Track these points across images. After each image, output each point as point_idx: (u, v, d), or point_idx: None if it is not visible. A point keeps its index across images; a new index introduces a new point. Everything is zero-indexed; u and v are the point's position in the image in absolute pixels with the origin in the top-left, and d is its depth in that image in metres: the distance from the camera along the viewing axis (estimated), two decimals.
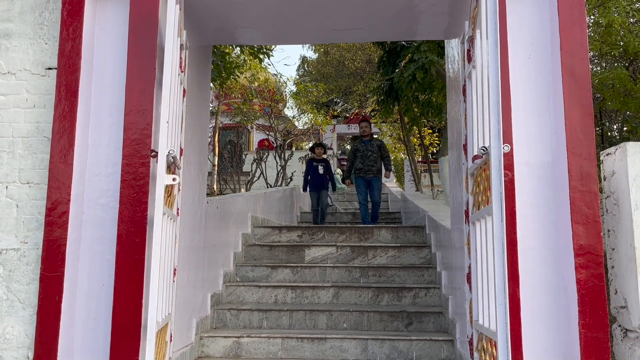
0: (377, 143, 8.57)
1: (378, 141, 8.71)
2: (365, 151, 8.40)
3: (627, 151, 2.77)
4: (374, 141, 8.61)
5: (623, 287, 2.79)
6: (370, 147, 8.43)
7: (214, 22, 4.08)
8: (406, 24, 4.16)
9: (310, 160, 9.40)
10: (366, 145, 8.45)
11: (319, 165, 9.13)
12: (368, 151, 8.38)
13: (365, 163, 8.32)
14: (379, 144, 8.60)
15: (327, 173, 9.17)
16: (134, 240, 2.86)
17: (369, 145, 8.45)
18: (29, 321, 2.91)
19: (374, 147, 8.46)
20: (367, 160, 8.31)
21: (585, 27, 2.93)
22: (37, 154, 3.06)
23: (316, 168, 9.12)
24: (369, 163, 8.30)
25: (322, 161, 9.27)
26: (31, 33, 3.17)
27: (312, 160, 9.36)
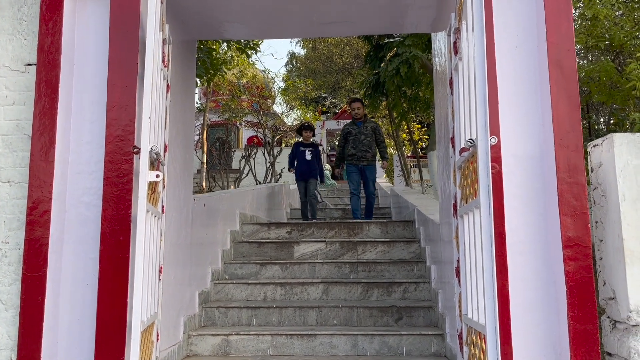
0: (371, 125, 7.63)
1: (372, 123, 7.77)
2: (357, 134, 7.49)
3: (614, 142, 2.76)
4: (368, 123, 7.67)
5: (611, 279, 2.78)
6: (364, 130, 7.50)
7: (199, 17, 4.02)
8: (393, 17, 4.14)
9: (297, 145, 8.31)
10: (359, 127, 7.54)
11: (306, 150, 8.07)
12: (361, 134, 7.47)
13: (358, 148, 7.44)
14: (373, 126, 7.66)
15: (316, 160, 8.16)
16: (117, 239, 2.81)
17: (362, 128, 7.52)
18: (11, 322, 2.85)
19: (367, 130, 7.52)
20: (360, 145, 7.43)
21: (571, 19, 2.91)
22: (17, 152, 2.99)
23: (303, 154, 8.07)
24: (362, 148, 7.42)
25: (311, 146, 8.23)
26: (10, 28, 3.09)
27: (298, 144, 8.27)
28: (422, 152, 15.89)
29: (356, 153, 7.47)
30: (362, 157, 7.44)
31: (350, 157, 7.54)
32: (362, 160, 7.45)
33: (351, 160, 7.53)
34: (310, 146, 8.20)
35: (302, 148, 8.10)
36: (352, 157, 7.52)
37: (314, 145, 8.34)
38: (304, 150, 8.10)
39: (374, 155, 7.59)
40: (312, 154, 8.14)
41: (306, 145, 8.18)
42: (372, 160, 7.56)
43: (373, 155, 7.57)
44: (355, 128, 7.59)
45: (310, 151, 8.12)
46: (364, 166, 7.46)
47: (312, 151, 8.16)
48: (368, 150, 7.47)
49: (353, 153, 7.49)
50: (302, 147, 8.13)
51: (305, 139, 8.25)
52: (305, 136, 8.27)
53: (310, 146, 8.20)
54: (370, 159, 7.52)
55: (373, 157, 7.58)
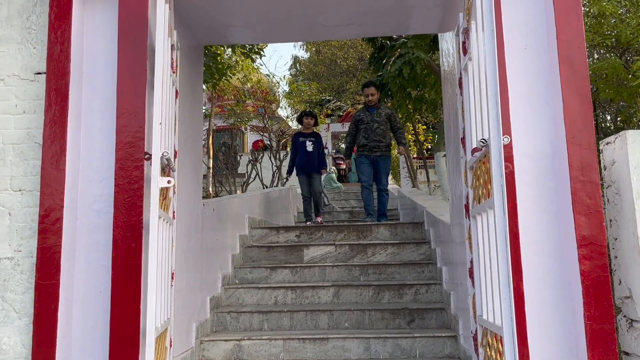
0: (385, 112, 6.84)
1: (387, 109, 6.96)
2: (370, 122, 6.73)
3: (627, 139, 2.74)
4: (382, 109, 6.86)
5: (627, 277, 2.76)
6: (377, 118, 6.73)
7: (204, 22, 4.03)
8: (399, 18, 4.13)
9: (297, 135, 7.44)
10: (371, 114, 6.77)
11: (306, 141, 7.20)
12: (374, 122, 6.71)
13: (370, 138, 6.69)
14: (388, 113, 6.85)
15: (318, 150, 7.27)
16: (130, 245, 2.81)
17: (375, 115, 6.75)
18: (25, 331, 2.86)
19: (381, 117, 6.74)
20: (373, 134, 6.68)
21: (581, 16, 2.89)
22: (28, 161, 3.00)
23: (304, 144, 7.20)
24: (375, 138, 6.66)
25: (312, 135, 7.32)
26: (19, 38, 3.11)
27: (298, 134, 7.43)
28: (428, 153, 15.87)
29: (368, 143, 6.73)
30: (375, 147, 6.70)
31: (362, 148, 6.81)
32: (375, 151, 6.70)
33: (362, 150, 6.81)
34: (311, 136, 7.31)
35: (302, 139, 7.27)
36: (363, 148, 6.79)
37: (315, 135, 7.40)
38: (304, 141, 7.24)
39: (388, 145, 6.82)
40: (314, 145, 7.22)
41: (307, 135, 7.32)
42: (387, 151, 6.79)
43: (387, 146, 6.81)
44: (368, 115, 6.82)
45: (311, 141, 7.22)
46: (377, 157, 6.71)
47: (313, 141, 7.24)
48: (382, 140, 6.71)
49: (365, 143, 6.75)
50: (302, 137, 7.29)
51: (306, 127, 7.38)
52: (305, 124, 7.38)
53: (311, 136, 7.31)
54: (384, 149, 6.76)
55: (387, 147, 6.81)
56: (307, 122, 7.34)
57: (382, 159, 6.74)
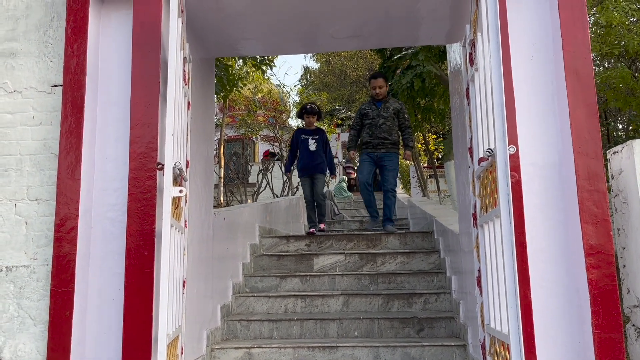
0: (393, 106, 6.13)
1: (396, 103, 6.21)
2: (376, 118, 6.07)
3: (634, 149, 2.76)
4: (390, 103, 6.15)
5: (635, 286, 2.77)
6: (384, 112, 6.06)
7: (216, 35, 4.11)
8: (407, 30, 4.18)
9: (298, 132, 6.71)
10: (377, 109, 6.10)
11: (309, 139, 6.51)
12: (380, 117, 6.04)
13: (374, 134, 6.03)
14: (396, 107, 6.13)
15: (323, 149, 6.57)
16: (142, 254, 2.87)
17: (381, 110, 6.07)
18: (40, 337, 2.92)
19: (388, 111, 6.07)
20: (378, 131, 6.02)
21: (587, 27, 2.93)
22: (44, 171, 3.08)
23: (306, 143, 6.51)
24: (380, 135, 6.01)
25: (315, 132, 6.60)
26: (36, 51, 3.21)
27: (300, 130, 6.69)
28: (439, 162, 15.86)
29: (372, 140, 6.06)
30: (380, 144, 6.05)
31: (365, 145, 6.18)
32: (380, 148, 6.05)
33: (365, 148, 6.19)
34: (314, 133, 6.58)
35: (305, 136, 6.56)
36: (366, 145, 6.16)
37: (318, 131, 6.64)
38: (306, 139, 6.53)
39: (395, 143, 6.12)
40: (317, 143, 6.50)
41: (309, 132, 6.60)
42: (393, 148, 6.10)
43: (394, 144, 6.11)
44: (373, 109, 6.15)
45: (314, 139, 6.51)
46: (381, 154, 6.05)
47: (316, 139, 6.52)
48: (387, 137, 6.04)
49: (368, 141, 6.10)
50: (304, 134, 6.58)
51: (308, 124, 6.62)
52: (307, 121, 6.61)
53: (314, 133, 6.58)
54: (389, 146, 6.08)
55: (394, 145, 6.11)
56: (308, 120, 6.59)
57: (387, 156, 6.03)
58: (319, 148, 6.51)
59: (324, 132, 6.72)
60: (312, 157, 6.49)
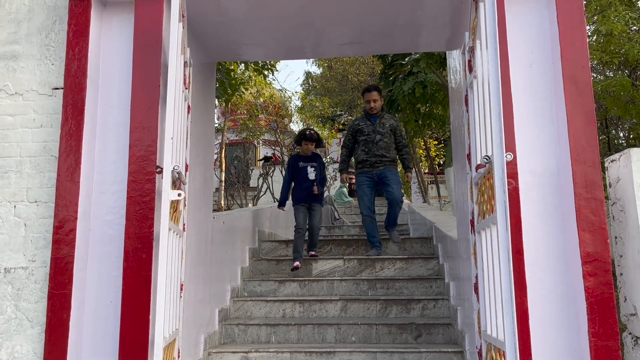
0: (389, 123, 5.74)
1: (391, 120, 5.83)
2: (371, 134, 5.63)
3: (632, 157, 2.76)
4: (386, 119, 5.74)
5: (632, 294, 2.77)
6: (380, 128, 5.63)
7: (217, 40, 4.13)
8: (408, 37, 4.20)
9: (295, 158, 6.17)
10: (373, 124, 5.67)
11: (308, 167, 6.00)
12: (376, 134, 5.62)
13: (371, 152, 5.60)
14: (393, 124, 5.74)
15: (320, 176, 6.10)
16: (140, 257, 2.88)
17: (376, 125, 5.65)
18: (37, 339, 2.93)
19: (385, 127, 5.65)
20: (375, 148, 5.60)
21: (585, 35, 2.94)
22: (44, 173, 3.09)
23: (304, 171, 6.00)
24: (377, 152, 5.60)
25: (313, 159, 6.06)
26: (38, 54, 3.23)
27: (297, 158, 6.16)
28: (440, 168, 15.86)
29: (369, 158, 5.64)
30: (378, 162, 5.66)
31: (361, 164, 5.74)
32: (378, 166, 5.65)
33: (362, 167, 5.74)
34: (312, 160, 6.06)
35: (303, 163, 6.06)
36: (363, 164, 5.72)
37: (316, 158, 6.12)
38: (304, 167, 6.02)
39: (393, 160, 5.79)
40: (316, 170, 6.02)
41: (307, 159, 6.06)
42: (391, 164, 5.73)
43: (392, 161, 5.76)
44: (368, 125, 5.70)
45: (313, 167, 6.00)
46: (381, 171, 5.63)
47: (315, 167, 6.01)
48: (385, 154, 5.66)
49: (365, 159, 5.69)
50: (302, 162, 6.08)
51: (305, 151, 6.09)
52: (304, 148, 6.07)
53: (312, 160, 6.06)
54: (388, 163, 5.70)
55: (393, 162, 5.78)
56: (306, 147, 6.05)
57: (387, 171, 5.63)
58: (318, 176, 6.02)
59: (321, 158, 6.29)
60: (311, 185, 5.95)
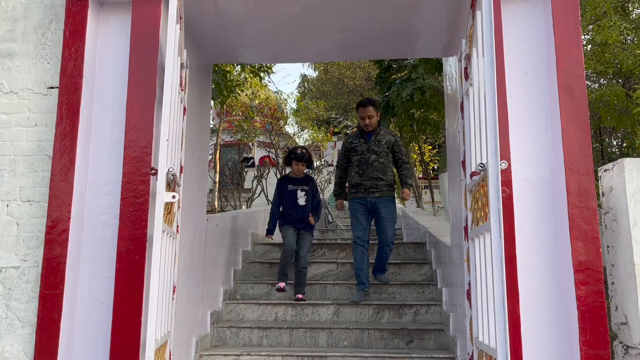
0: (387, 139, 5.04)
1: (389, 135, 5.13)
2: (366, 153, 4.99)
3: (625, 167, 2.78)
4: (382, 135, 5.05)
5: (623, 304, 2.78)
6: (375, 147, 4.98)
7: (214, 41, 4.13)
8: (405, 42, 4.21)
9: (283, 180, 5.50)
10: (367, 142, 5.01)
11: (297, 190, 5.33)
12: (371, 153, 4.97)
13: (365, 174, 4.95)
14: (390, 140, 5.05)
15: (312, 201, 5.39)
16: (133, 258, 2.87)
17: (372, 143, 4.99)
18: (28, 339, 2.91)
19: (381, 146, 4.99)
20: (370, 170, 4.94)
21: (580, 45, 2.96)
22: (38, 172, 3.07)
23: (293, 195, 5.33)
24: (372, 175, 4.93)
25: (304, 182, 5.39)
26: (34, 53, 3.21)
27: (285, 179, 5.49)
28: (434, 173, 15.91)
29: (363, 182, 4.96)
30: (373, 186, 4.94)
31: (355, 189, 5.03)
32: (373, 191, 4.94)
33: (356, 192, 5.03)
34: (303, 183, 5.36)
35: (292, 186, 5.36)
36: (357, 189, 5.02)
37: (308, 180, 5.41)
38: (294, 191, 5.33)
39: (390, 184, 5.02)
40: (307, 195, 5.33)
41: (297, 181, 5.38)
42: (389, 192, 5.00)
43: (389, 185, 5.01)
44: (362, 143, 5.04)
45: (304, 191, 5.31)
46: (375, 200, 4.94)
47: (306, 190, 5.32)
48: (381, 177, 4.95)
49: (358, 182, 4.98)
50: (291, 184, 5.36)
51: (296, 172, 5.38)
52: (295, 169, 5.37)
53: (303, 183, 5.36)
54: (385, 189, 4.96)
55: (390, 187, 5.01)
56: (296, 167, 5.35)
57: (382, 203, 4.92)
58: (309, 201, 5.33)
59: (313, 181, 5.51)
60: (301, 212, 5.30)
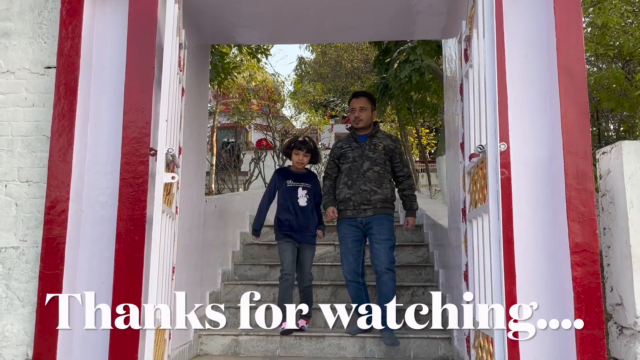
0: (384, 143, 4.04)
1: (387, 139, 4.12)
2: (357, 159, 3.99)
3: (623, 150, 2.79)
4: (379, 139, 4.06)
5: (618, 285, 2.81)
6: (370, 152, 3.99)
7: (212, 21, 4.09)
8: (404, 24, 4.19)
9: (282, 174, 4.42)
10: (360, 146, 4.04)
11: (299, 188, 4.27)
12: (364, 159, 3.98)
13: (356, 186, 3.94)
14: (389, 146, 4.04)
15: (314, 204, 4.34)
16: (133, 239, 2.88)
17: (365, 147, 4.01)
18: (28, 319, 2.92)
19: (377, 150, 3.99)
20: (361, 180, 3.94)
21: (581, 27, 2.95)
22: (36, 153, 3.07)
23: (293, 193, 4.26)
24: (364, 187, 3.93)
25: (307, 179, 4.35)
26: (30, 32, 3.18)
27: (285, 172, 4.44)
28: (431, 156, 15.91)
29: (352, 196, 3.96)
30: (365, 202, 3.94)
31: (343, 205, 4.03)
32: (365, 209, 3.95)
33: (344, 209, 4.03)
34: (305, 180, 4.32)
35: (293, 183, 4.31)
36: (345, 205, 4.02)
37: (311, 178, 4.38)
38: (294, 188, 4.28)
39: (386, 200, 3.99)
40: (310, 195, 4.28)
41: (299, 177, 4.31)
42: (385, 207, 3.99)
43: (385, 201, 3.98)
44: (354, 147, 4.06)
45: (306, 189, 4.26)
46: (367, 219, 3.96)
47: (309, 189, 4.28)
48: (375, 190, 3.94)
49: (347, 197, 3.98)
50: (290, 180, 4.31)
51: (297, 164, 4.31)
52: (296, 161, 4.30)
53: (305, 180, 4.32)
54: (379, 205, 3.96)
55: (386, 203, 3.99)
56: (297, 159, 4.27)
57: (375, 221, 3.95)
58: (311, 203, 4.29)
59: (316, 178, 4.47)
60: (302, 215, 4.23)
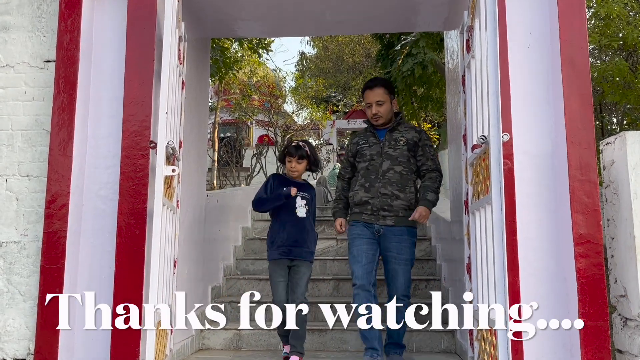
0: (407, 136, 3.44)
1: (412, 131, 3.50)
2: (376, 157, 3.43)
3: (627, 140, 2.77)
4: (402, 132, 3.46)
5: (623, 276, 2.79)
6: (390, 149, 3.42)
7: (213, 14, 4.07)
8: (405, 15, 4.16)
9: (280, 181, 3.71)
10: (379, 142, 3.46)
11: (297, 197, 3.60)
12: (383, 158, 3.41)
13: (374, 188, 3.37)
14: (413, 138, 3.45)
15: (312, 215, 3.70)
16: (133, 232, 2.87)
17: (385, 144, 3.44)
18: (29, 313, 2.92)
19: (398, 147, 3.41)
20: (381, 182, 3.37)
21: (584, 17, 2.92)
22: (36, 147, 3.05)
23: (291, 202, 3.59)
24: (384, 190, 3.35)
25: (306, 189, 3.70)
26: (29, 26, 3.16)
27: (281, 179, 3.74)
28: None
29: (370, 199, 3.39)
30: (385, 208, 3.36)
31: (358, 208, 3.46)
32: (385, 216, 3.37)
33: (360, 213, 3.45)
34: (304, 190, 3.69)
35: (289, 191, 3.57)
36: (361, 208, 3.44)
37: (310, 189, 3.77)
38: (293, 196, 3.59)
39: (410, 206, 3.39)
40: (309, 206, 3.66)
41: (298, 187, 3.63)
42: (405, 216, 3.38)
43: (409, 208, 3.39)
44: (372, 144, 3.50)
45: (305, 200, 3.65)
46: (385, 229, 3.37)
47: (308, 200, 3.67)
48: (397, 194, 3.37)
49: (363, 200, 3.41)
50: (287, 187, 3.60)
51: (292, 170, 3.66)
52: (290, 168, 3.66)
53: (304, 190, 3.69)
54: (401, 213, 3.37)
55: (409, 210, 3.38)
56: (290, 166, 3.66)
57: (395, 235, 3.37)
58: (310, 215, 3.68)
59: (313, 189, 3.85)
60: (299, 228, 3.60)
